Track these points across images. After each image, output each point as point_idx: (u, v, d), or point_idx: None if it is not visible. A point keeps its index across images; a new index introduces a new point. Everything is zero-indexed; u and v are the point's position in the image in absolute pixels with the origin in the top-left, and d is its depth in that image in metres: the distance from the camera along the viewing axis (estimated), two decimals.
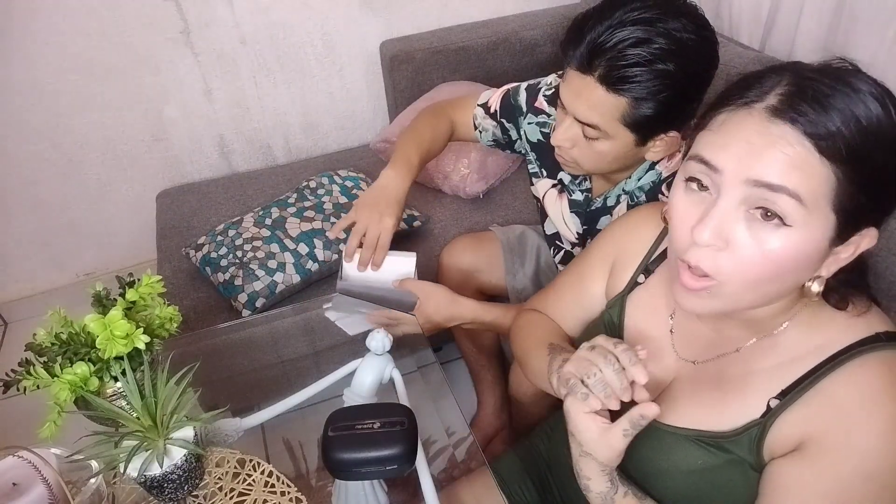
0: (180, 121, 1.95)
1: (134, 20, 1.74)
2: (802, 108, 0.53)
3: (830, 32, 1.27)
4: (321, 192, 1.68)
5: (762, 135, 0.55)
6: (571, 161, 0.98)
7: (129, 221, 2.07)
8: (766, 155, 0.54)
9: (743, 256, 0.56)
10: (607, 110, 0.87)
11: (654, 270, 0.79)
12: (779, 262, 0.56)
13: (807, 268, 0.58)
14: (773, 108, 0.55)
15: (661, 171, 0.98)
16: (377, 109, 2.14)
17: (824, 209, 0.54)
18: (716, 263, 0.58)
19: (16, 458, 0.76)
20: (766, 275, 0.57)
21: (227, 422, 0.88)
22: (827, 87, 0.54)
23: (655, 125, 0.88)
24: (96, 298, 0.85)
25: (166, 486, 0.74)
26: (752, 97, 0.57)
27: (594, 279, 0.87)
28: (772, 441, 0.63)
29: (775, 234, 0.55)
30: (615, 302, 0.82)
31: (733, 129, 0.57)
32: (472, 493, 0.91)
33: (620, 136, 0.90)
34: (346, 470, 0.74)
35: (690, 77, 0.85)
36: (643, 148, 0.93)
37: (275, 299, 1.44)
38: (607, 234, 0.88)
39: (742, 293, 0.59)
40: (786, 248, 0.55)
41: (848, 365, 0.60)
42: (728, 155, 0.56)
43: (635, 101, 0.85)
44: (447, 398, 0.95)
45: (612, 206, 1.06)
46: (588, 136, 0.92)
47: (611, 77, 0.84)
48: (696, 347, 0.73)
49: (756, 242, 0.56)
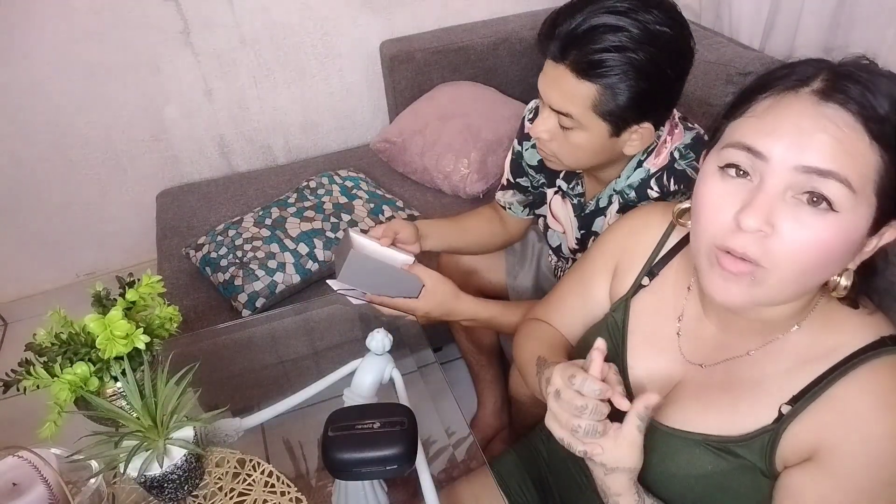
0: (180, 121, 1.95)
1: (134, 20, 1.74)
2: (852, 90, 0.53)
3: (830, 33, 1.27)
4: (321, 192, 1.68)
5: (813, 118, 0.53)
6: (551, 155, 0.99)
7: (129, 221, 2.07)
8: (817, 139, 0.53)
9: (792, 242, 0.54)
10: (580, 98, 0.88)
11: (658, 273, 0.79)
12: (827, 249, 0.54)
13: (848, 256, 0.57)
14: (822, 90, 0.54)
15: (649, 167, 0.99)
16: (377, 109, 2.14)
17: (869, 195, 0.54)
18: (764, 249, 0.55)
19: (16, 458, 0.75)
20: (813, 262, 0.55)
21: (227, 422, 0.88)
22: (870, 71, 0.54)
23: (628, 115, 0.88)
24: (96, 298, 0.85)
25: (166, 486, 0.74)
26: (795, 82, 0.56)
27: (597, 282, 0.86)
28: (784, 449, 0.62)
29: (824, 220, 0.53)
30: (619, 305, 0.81)
31: (781, 114, 0.55)
32: (472, 493, 0.91)
33: (594, 126, 0.90)
34: (346, 470, 0.74)
35: (663, 67, 0.86)
36: (618, 140, 0.93)
37: (275, 299, 1.44)
38: (609, 236, 0.87)
39: (787, 282, 0.57)
40: (835, 234, 0.54)
41: (857, 370, 0.59)
42: (775, 141, 0.55)
43: (606, 88, 0.86)
44: (447, 398, 0.95)
45: (605, 207, 1.06)
46: (563, 127, 0.92)
47: (581, 64, 0.85)
48: (703, 350, 0.72)
49: (804, 228, 0.54)
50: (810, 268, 0.56)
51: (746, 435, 0.64)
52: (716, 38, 1.42)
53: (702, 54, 1.35)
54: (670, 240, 0.79)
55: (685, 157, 0.96)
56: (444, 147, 1.76)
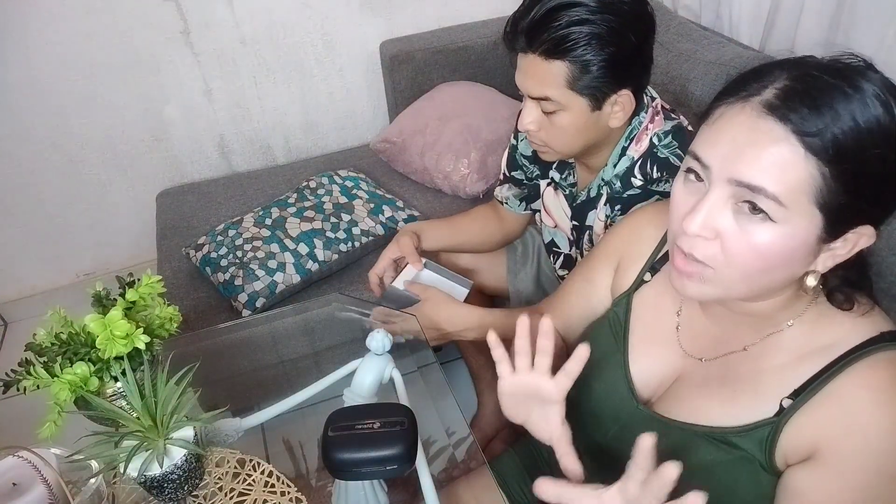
0: (180, 121, 1.95)
1: (134, 20, 1.74)
2: (795, 104, 0.53)
3: (830, 33, 1.27)
4: (321, 192, 1.68)
5: (750, 131, 0.55)
6: (542, 145, 1.02)
7: (129, 221, 2.07)
8: (748, 154, 0.55)
9: (731, 248, 0.58)
10: (554, 79, 0.91)
11: (659, 269, 0.80)
12: (767, 255, 0.57)
13: (797, 262, 0.58)
14: (769, 102, 0.55)
15: (632, 155, 1.01)
16: (377, 109, 2.14)
17: (806, 207, 0.55)
18: (707, 252, 0.59)
19: (16, 458, 0.75)
20: (755, 267, 0.58)
21: (227, 422, 0.88)
22: (827, 84, 0.54)
23: (603, 85, 0.91)
24: (96, 298, 0.85)
25: (166, 486, 0.74)
26: (751, 91, 0.57)
27: (600, 278, 0.87)
28: (785, 443, 0.62)
29: (762, 228, 0.56)
30: (621, 300, 0.82)
31: (725, 125, 0.57)
32: (472, 493, 0.91)
33: (574, 104, 0.92)
34: (346, 470, 0.74)
35: (624, 33, 0.88)
36: (601, 114, 0.95)
37: (275, 299, 1.44)
38: (612, 233, 0.88)
39: (734, 283, 0.60)
40: (772, 241, 0.56)
41: (856, 366, 0.60)
42: (715, 152, 0.57)
43: (575, 63, 0.89)
44: (447, 398, 0.95)
45: (595, 199, 1.08)
46: (546, 112, 0.95)
47: (547, 45, 0.88)
48: (702, 344, 0.73)
49: (744, 235, 0.57)
50: (754, 270, 0.58)
51: (746, 426, 0.65)
52: (716, 38, 1.42)
53: (702, 54, 1.35)
54: None
55: (666, 144, 0.98)
56: (444, 147, 1.76)
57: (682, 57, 1.37)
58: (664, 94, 1.36)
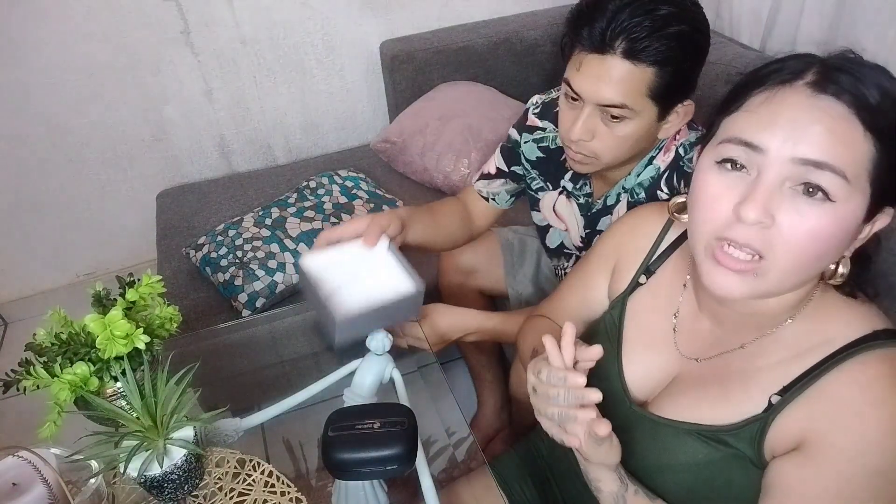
0: (180, 121, 1.95)
1: (134, 20, 1.74)
2: (844, 81, 0.54)
3: (831, 33, 1.27)
4: (321, 192, 1.68)
5: (807, 110, 0.55)
6: (590, 155, 0.94)
7: (129, 221, 2.07)
8: (811, 131, 0.54)
9: (792, 232, 0.56)
10: (634, 85, 0.85)
11: (655, 271, 0.79)
12: (825, 238, 0.56)
13: (844, 245, 0.58)
14: (816, 82, 0.55)
15: (659, 165, 0.98)
16: (377, 109, 2.14)
17: (864, 184, 0.55)
18: (765, 239, 0.56)
19: (16, 458, 0.75)
20: (813, 251, 0.56)
21: (227, 422, 0.88)
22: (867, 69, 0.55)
23: (675, 93, 0.88)
24: (96, 298, 0.85)
25: (166, 486, 0.74)
26: (788, 76, 0.57)
27: (597, 281, 0.87)
28: (773, 438, 0.63)
29: (821, 210, 0.55)
30: (616, 303, 0.82)
31: (777, 108, 0.56)
32: (472, 493, 0.91)
33: (645, 111, 0.88)
34: (346, 470, 0.74)
35: (698, 39, 0.86)
36: (661, 123, 0.92)
37: (275, 299, 1.44)
38: (608, 235, 0.88)
39: (788, 272, 0.58)
40: (832, 223, 0.55)
41: (848, 363, 0.60)
42: (771, 134, 0.56)
43: (659, 67, 0.84)
44: (447, 398, 0.95)
45: (613, 206, 1.06)
46: (613, 117, 0.89)
47: (633, 49, 0.83)
48: (699, 345, 0.73)
49: (803, 218, 0.55)
50: (810, 257, 0.57)
51: (736, 424, 0.65)
52: (716, 38, 1.42)
53: None
54: (667, 237, 0.80)
55: (691, 158, 0.96)
56: (444, 147, 1.76)
57: None
58: None
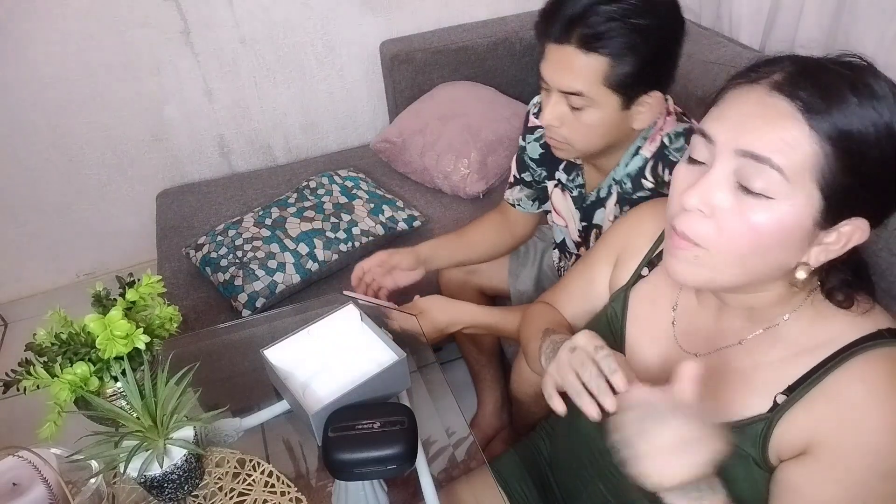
0: (180, 121, 1.95)
1: (134, 20, 1.74)
2: (804, 84, 0.55)
3: (831, 32, 1.27)
4: (321, 192, 1.68)
5: (758, 106, 0.56)
6: (563, 141, 0.99)
7: (129, 221, 2.07)
8: (756, 125, 0.56)
9: (727, 225, 0.58)
10: (590, 73, 0.89)
11: (657, 264, 0.80)
12: (761, 235, 0.57)
13: (790, 246, 0.58)
14: (776, 82, 0.56)
15: (645, 154, 1.00)
16: (377, 109, 2.14)
17: (807, 185, 0.55)
18: (701, 230, 0.59)
19: (16, 458, 0.75)
20: (748, 246, 0.58)
21: (227, 422, 0.88)
22: (836, 73, 0.55)
23: (637, 84, 0.90)
24: (96, 298, 0.85)
25: (166, 486, 0.74)
26: (760, 74, 0.58)
27: (600, 273, 0.88)
28: (778, 439, 0.62)
29: (759, 207, 0.56)
30: (618, 294, 0.82)
31: (733, 102, 0.59)
32: (472, 493, 0.91)
33: (605, 100, 0.91)
34: (346, 470, 0.74)
35: (663, 32, 0.88)
36: (629, 113, 0.94)
37: (275, 299, 1.44)
38: (613, 229, 0.89)
39: (726, 265, 0.60)
40: (769, 220, 0.56)
41: (852, 362, 0.59)
42: (721, 125, 0.59)
43: (614, 58, 0.87)
44: (447, 398, 0.95)
45: (605, 198, 1.07)
46: (574, 107, 0.93)
47: (587, 37, 0.87)
48: (698, 340, 0.73)
49: (740, 212, 0.57)
50: (747, 251, 0.58)
51: (739, 422, 0.65)
52: (716, 38, 1.42)
53: (702, 54, 1.35)
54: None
55: (677, 148, 0.98)
56: (444, 147, 1.76)
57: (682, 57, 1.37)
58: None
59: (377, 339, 0.93)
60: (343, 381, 0.87)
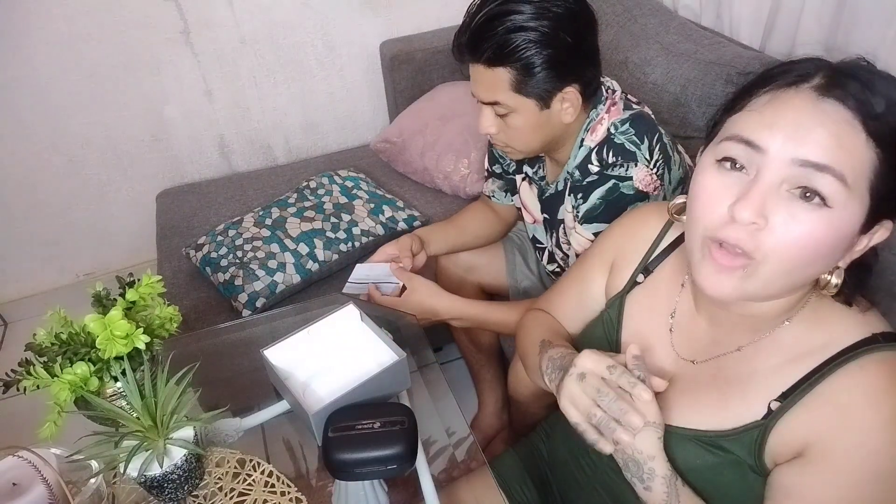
0: (180, 121, 1.95)
1: (134, 20, 1.74)
2: (851, 86, 0.54)
3: (831, 32, 1.27)
4: (321, 192, 1.68)
5: (811, 112, 0.54)
6: (504, 146, 1.06)
7: (129, 221, 2.07)
8: (814, 134, 0.53)
9: (784, 236, 0.55)
10: (499, 85, 0.95)
11: (653, 270, 0.79)
12: (818, 245, 0.55)
13: (838, 254, 0.58)
14: (822, 86, 0.55)
15: (589, 145, 1.04)
16: (377, 109, 2.14)
17: (863, 192, 0.54)
18: (756, 242, 0.56)
19: (16, 458, 0.75)
20: (804, 257, 0.56)
21: (227, 422, 0.88)
22: (866, 72, 0.55)
23: (546, 85, 0.95)
24: (96, 298, 0.85)
25: (166, 486, 0.74)
26: (795, 78, 0.57)
27: (594, 279, 0.87)
28: (774, 445, 0.62)
29: (816, 215, 0.54)
30: (614, 301, 0.82)
31: (781, 108, 0.56)
32: (472, 493, 0.91)
33: (522, 105, 0.97)
34: (346, 470, 0.74)
35: (560, 34, 0.92)
36: (552, 112, 0.99)
37: (275, 299, 1.44)
38: (607, 234, 0.88)
39: (777, 276, 0.57)
40: (826, 229, 0.54)
41: (847, 366, 0.59)
42: (773, 134, 0.55)
43: (515, 68, 0.93)
44: (447, 398, 0.95)
45: (563, 191, 1.10)
46: (499, 115, 1.00)
47: (487, 54, 0.93)
48: (695, 347, 0.73)
49: (796, 223, 0.55)
50: (801, 262, 0.56)
51: (735, 430, 0.64)
52: (716, 38, 1.41)
53: (702, 54, 1.34)
54: (667, 237, 0.79)
55: (623, 131, 1.01)
56: (444, 147, 1.76)
57: (682, 57, 1.37)
58: (664, 94, 1.36)
59: (377, 339, 0.93)
60: (343, 381, 0.87)
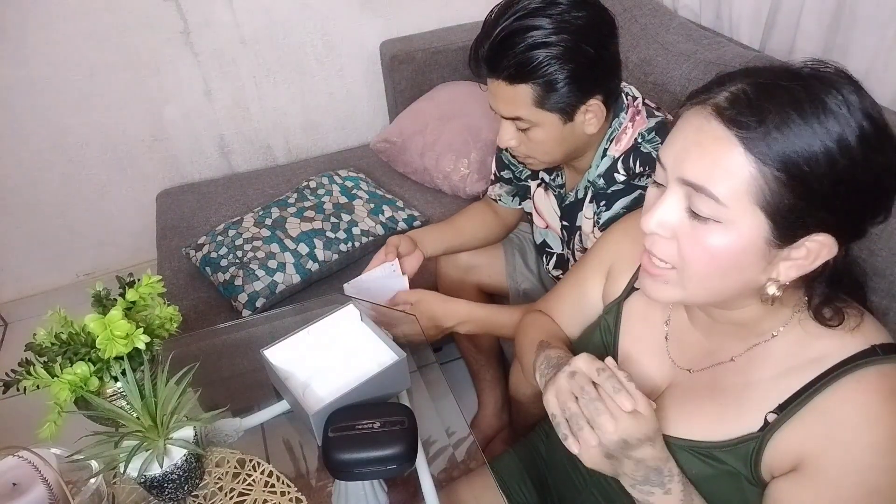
0: (180, 121, 1.95)
1: (134, 20, 1.74)
2: (742, 108, 0.54)
3: (830, 33, 1.27)
4: (321, 192, 1.68)
5: (697, 132, 0.57)
6: (525, 158, 1.05)
7: (129, 221, 2.07)
8: (693, 153, 0.56)
9: (685, 248, 0.59)
10: (521, 101, 0.94)
11: None
12: (717, 257, 0.58)
13: (749, 266, 0.58)
14: (718, 105, 0.56)
15: (613, 155, 1.02)
16: (377, 109, 2.14)
17: (748, 208, 0.55)
18: (667, 252, 0.61)
19: (16, 458, 0.75)
20: (709, 269, 0.59)
21: (227, 422, 0.88)
22: (782, 91, 0.53)
23: (570, 99, 0.93)
24: (96, 298, 0.85)
25: (166, 486, 0.74)
26: (710, 94, 0.58)
27: (592, 284, 0.87)
28: (770, 458, 0.62)
29: (712, 230, 0.57)
30: (612, 307, 0.82)
31: (681, 126, 0.59)
32: (472, 493, 0.91)
33: (545, 120, 0.95)
34: (346, 470, 0.74)
35: (582, 47, 0.90)
36: (575, 124, 0.97)
37: (275, 299, 1.44)
38: (605, 239, 0.88)
39: (692, 285, 0.61)
40: (720, 243, 0.57)
41: (844, 380, 0.59)
42: (668, 153, 0.60)
43: (538, 84, 0.91)
44: (447, 398, 0.95)
45: (583, 199, 1.08)
46: (521, 129, 0.98)
47: (509, 70, 0.91)
48: (690, 355, 0.72)
49: (696, 236, 0.58)
50: (710, 272, 0.59)
51: (731, 441, 0.64)
52: (716, 38, 1.41)
53: (702, 54, 1.34)
54: None
55: (649, 140, 1.00)
56: (444, 147, 1.76)
57: (682, 57, 1.37)
58: (664, 94, 1.36)
59: (377, 339, 0.93)
60: (343, 380, 0.87)
